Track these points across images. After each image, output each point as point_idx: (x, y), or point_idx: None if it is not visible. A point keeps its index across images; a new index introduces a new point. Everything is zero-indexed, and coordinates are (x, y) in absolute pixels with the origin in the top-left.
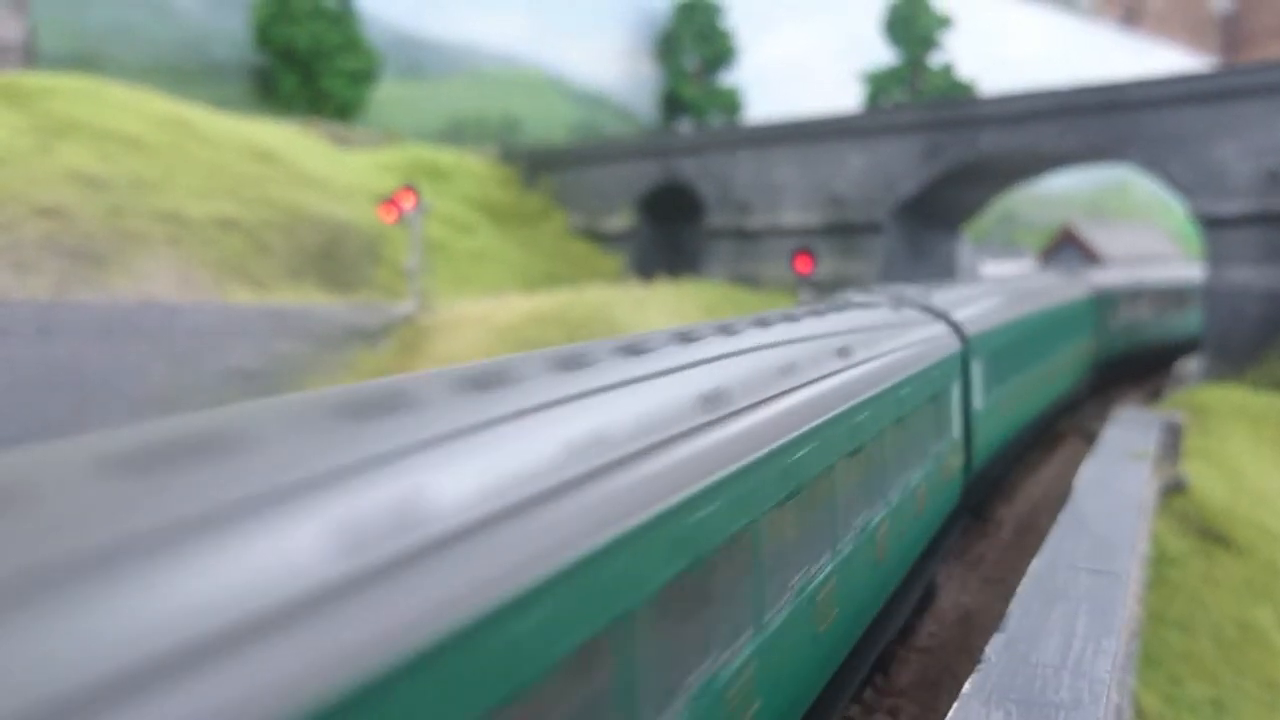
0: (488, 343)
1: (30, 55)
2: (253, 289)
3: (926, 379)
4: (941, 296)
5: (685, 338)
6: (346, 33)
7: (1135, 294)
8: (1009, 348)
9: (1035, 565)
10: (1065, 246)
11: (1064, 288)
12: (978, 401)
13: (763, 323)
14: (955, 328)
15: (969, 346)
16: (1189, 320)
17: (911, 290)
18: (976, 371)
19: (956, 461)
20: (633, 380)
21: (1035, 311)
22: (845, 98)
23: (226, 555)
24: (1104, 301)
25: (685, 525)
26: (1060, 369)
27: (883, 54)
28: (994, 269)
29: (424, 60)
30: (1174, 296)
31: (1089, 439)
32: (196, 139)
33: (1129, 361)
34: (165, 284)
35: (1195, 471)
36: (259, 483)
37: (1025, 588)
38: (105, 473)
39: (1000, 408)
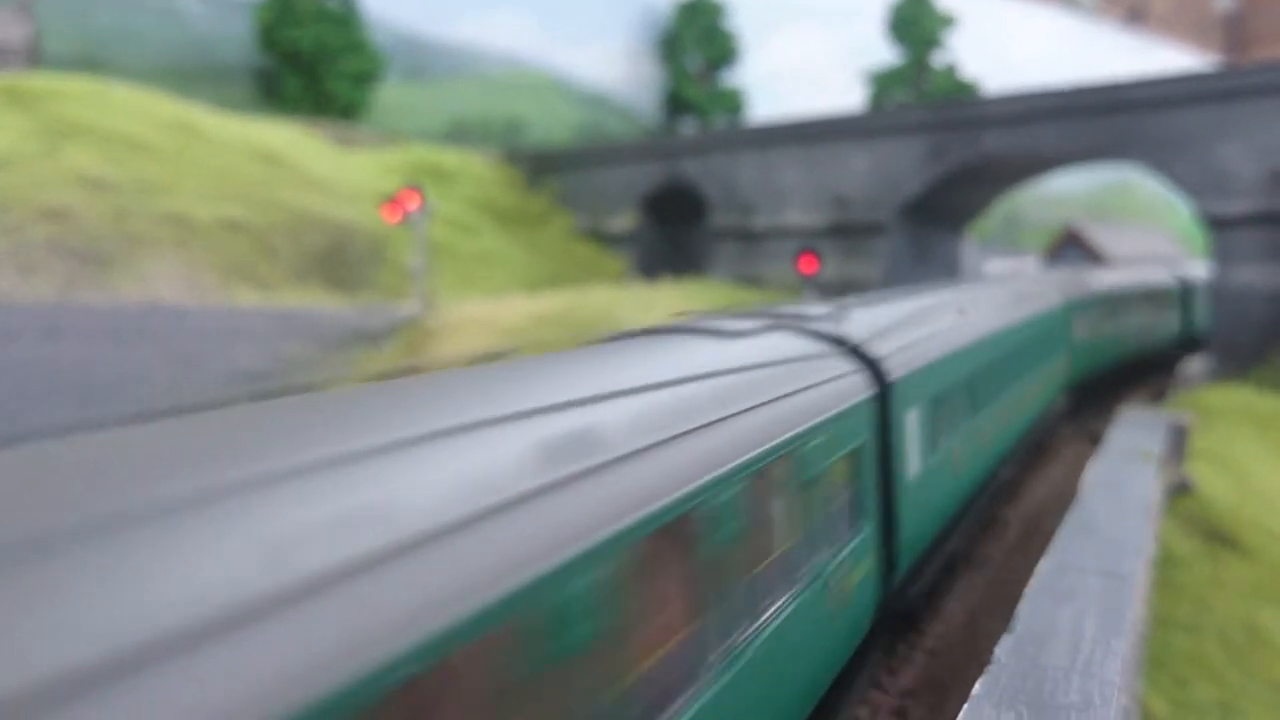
0: (492, 344)
1: (35, 57)
2: (258, 291)
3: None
4: None
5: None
6: (350, 35)
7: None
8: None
9: (1043, 566)
10: (1069, 247)
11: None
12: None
13: None
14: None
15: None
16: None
17: None
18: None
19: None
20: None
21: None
22: (849, 98)
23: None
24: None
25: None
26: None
27: (886, 55)
28: (999, 268)
29: (428, 62)
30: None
31: (1094, 440)
32: (202, 141)
33: None
34: (171, 286)
35: (1201, 473)
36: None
37: (1033, 589)
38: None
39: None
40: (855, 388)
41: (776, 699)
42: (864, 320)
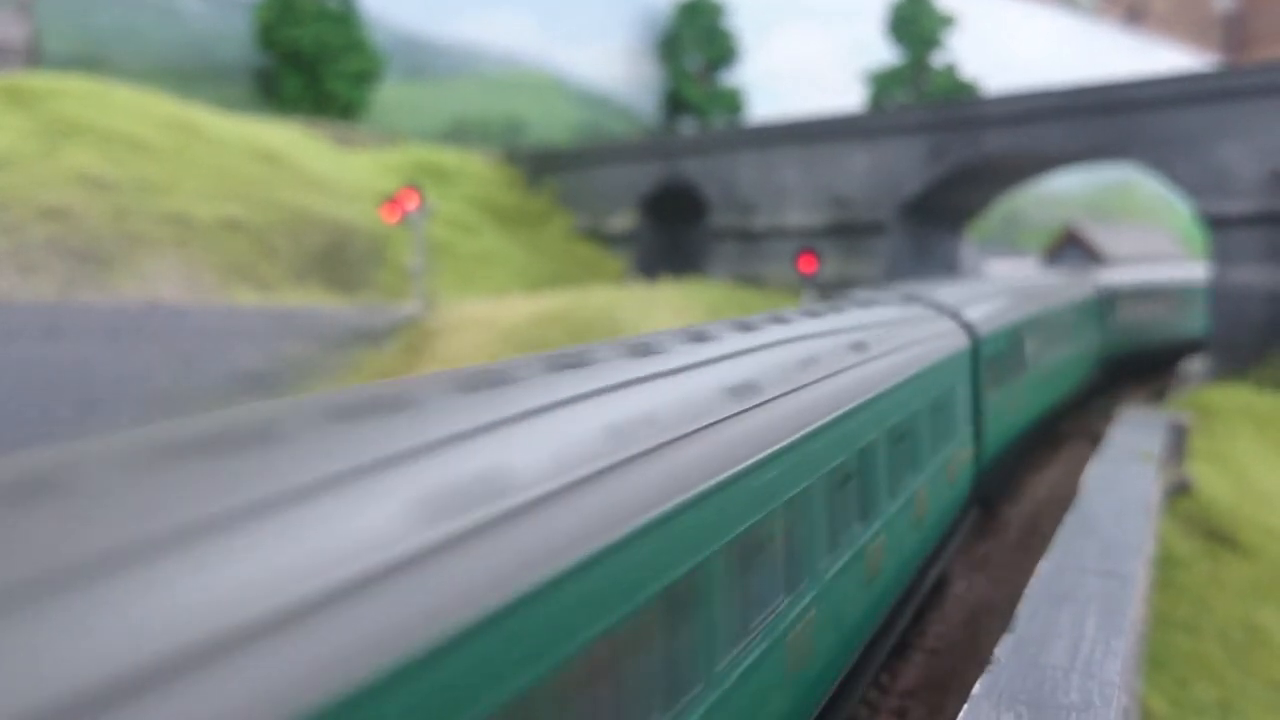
0: (492, 344)
1: (35, 57)
2: (258, 291)
3: None
4: None
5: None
6: (350, 34)
7: None
8: None
9: (1043, 566)
10: (1068, 247)
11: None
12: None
13: None
14: None
15: None
16: None
17: None
18: None
19: None
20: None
21: None
22: (849, 98)
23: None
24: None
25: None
26: None
27: (886, 54)
28: (999, 269)
29: (427, 62)
30: None
31: (1094, 440)
32: (202, 141)
33: None
34: (171, 286)
35: (1201, 473)
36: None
37: (1033, 589)
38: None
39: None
40: None
41: None
42: None
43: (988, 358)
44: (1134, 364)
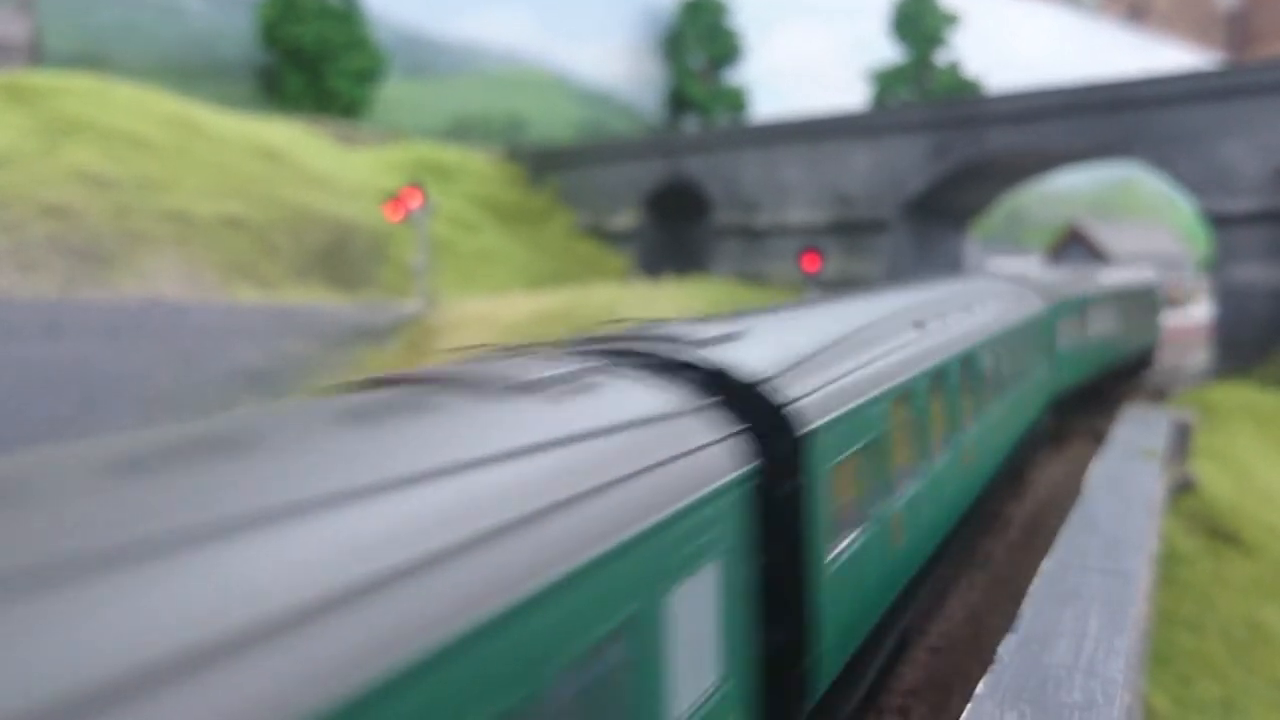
0: (494, 342)
1: (36, 54)
2: (259, 288)
3: None
4: None
5: None
6: (352, 32)
7: None
8: None
9: (1046, 565)
10: (1072, 245)
11: None
12: None
13: None
14: None
15: None
16: None
17: None
18: None
19: None
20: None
21: None
22: (852, 96)
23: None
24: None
25: None
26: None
27: (889, 52)
28: (1002, 266)
29: (430, 59)
30: None
31: (1097, 437)
32: (203, 138)
33: None
34: (172, 283)
35: (1204, 470)
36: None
37: (1037, 588)
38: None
39: None
40: None
41: None
42: None
43: (825, 477)
44: (1091, 394)
